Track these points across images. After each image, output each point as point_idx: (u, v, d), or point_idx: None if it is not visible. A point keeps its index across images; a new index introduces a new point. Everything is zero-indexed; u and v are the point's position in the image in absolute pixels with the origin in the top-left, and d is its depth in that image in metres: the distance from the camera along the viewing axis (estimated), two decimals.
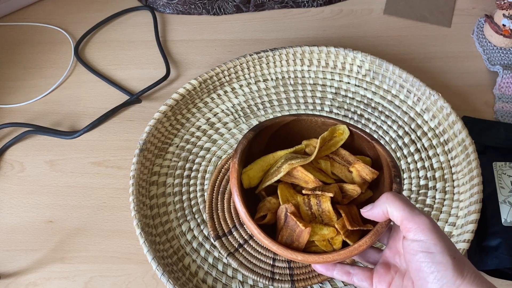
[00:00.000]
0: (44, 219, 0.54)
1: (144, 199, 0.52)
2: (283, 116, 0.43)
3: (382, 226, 0.36)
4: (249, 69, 0.62)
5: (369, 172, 0.41)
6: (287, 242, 0.37)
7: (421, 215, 0.32)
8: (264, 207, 0.39)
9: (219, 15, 0.71)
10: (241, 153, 0.40)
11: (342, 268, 0.38)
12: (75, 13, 0.72)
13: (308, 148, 0.43)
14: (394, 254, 0.37)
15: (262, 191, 0.41)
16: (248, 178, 0.40)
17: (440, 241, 0.31)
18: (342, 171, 0.42)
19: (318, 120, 0.43)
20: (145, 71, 0.66)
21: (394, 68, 0.59)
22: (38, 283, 0.50)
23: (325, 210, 0.38)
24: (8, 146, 0.59)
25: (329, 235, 0.37)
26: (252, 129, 0.42)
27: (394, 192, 0.35)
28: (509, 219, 0.49)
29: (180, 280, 0.47)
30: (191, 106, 0.59)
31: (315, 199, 0.39)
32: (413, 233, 0.32)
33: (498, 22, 0.64)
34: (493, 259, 0.48)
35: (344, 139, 0.42)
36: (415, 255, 0.31)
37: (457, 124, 0.54)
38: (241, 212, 0.37)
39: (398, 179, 0.38)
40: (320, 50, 0.61)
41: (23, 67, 0.67)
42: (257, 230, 0.36)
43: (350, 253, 0.35)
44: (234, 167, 0.39)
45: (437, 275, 0.30)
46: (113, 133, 0.60)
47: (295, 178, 0.40)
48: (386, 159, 0.40)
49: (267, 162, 0.41)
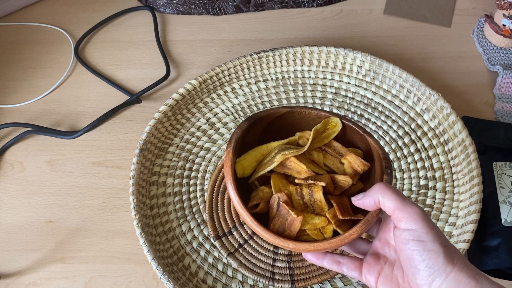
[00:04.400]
0: (44, 219, 0.54)
1: (144, 199, 0.52)
2: (278, 108, 0.43)
3: (373, 216, 0.36)
4: (249, 69, 0.62)
5: (360, 163, 0.41)
6: (279, 230, 0.37)
7: (412, 205, 0.33)
8: (257, 196, 0.40)
9: (219, 15, 0.71)
10: (235, 142, 0.40)
11: (332, 258, 0.38)
12: (75, 13, 0.72)
13: (301, 139, 0.43)
14: (384, 244, 0.37)
15: (255, 181, 0.41)
16: (241, 168, 0.41)
17: (431, 230, 0.32)
18: (334, 162, 0.43)
19: (312, 112, 0.43)
20: (145, 71, 0.66)
21: (394, 68, 0.59)
22: (38, 283, 0.50)
23: (317, 200, 0.39)
24: (8, 146, 0.59)
25: (320, 224, 0.37)
26: (246, 120, 0.42)
27: (386, 183, 0.35)
28: (509, 219, 0.49)
29: (180, 280, 0.47)
30: (191, 106, 0.59)
31: (307, 189, 0.39)
32: (404, 222, 0.33)
33: (498, 22, 0.64)
34: (493, 259, 0.48)
35: (337, 131, 0.43)
36: (407, 244, 0.32)
37: (457, 124, 0.54)
38: (234, 200, 0.38)
39: (389, 170, 0.39)
40: (320, 50, 0.61)
41: (23, 67, 0.67)
42: (250, 218, 0.37)
43: (341, 242, 0.36)
44: (228, 156, 0.39)
45: (428, 262, 0.31)
46: (113, 133, 0.60)
47: (288, 168, 0.40)
48: (378, 151, 0.40)
49: (261, 153, 0.42)
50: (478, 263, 0.48)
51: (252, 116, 0.42)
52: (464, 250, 0.47)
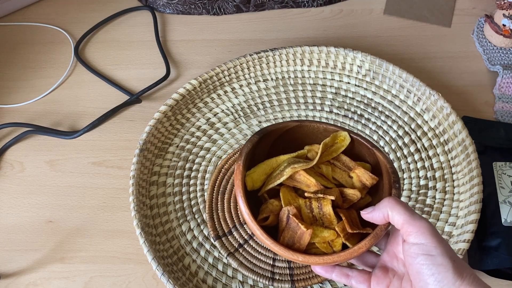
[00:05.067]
0: (44, 219, 0.54)
1: (144, 199, 0.52)
2: (287, 122, 0.44)
3: (381, 230, 0.36)
4: (249, 69, 0.62)
5: (369, 177, 0.42)
6: (288, 243, 0.38)
7: (421, 220, 0.33)
8: (267, 209, 0.40)
9: (219, 15, 0.71)
10: (245, 156, 0.41)
11: (340, 271, 0.38)
12: (75, 13, 0.72)
13: (310, 153, 0.44)
14: (392, 258, 0.37)
15: (264, 194, 0.42)
16: (251, 181, 0.41)
17: (440, 244, 0.32)
18: (342, 176, 0.43)
19: (320, 126, 0.44)
20: (145, 71, 0.66)
21: (394, 68, 0.59)
22: (38, 283, 0.50)
23: (326, 213, 0.39)
24: (8, 146, 0.59)
25: (330, 238, 0.38)
26: (256, 133, 0.43)
27: (395, 197, 0.36)
28: (509, 219, 0.49)
29: (180, 280, 0.47)
30: (191, 106, 0.59)
31: (317, 202, 0.39)
32: (413, 237, 0.33)
33: (498, 22, 0.64)
34: (493, 259, 0.48)
35: (345, 145, 0.43)
36: (416, 258, 0.32)
37: (457, 124, 0.54)
38: (244, 214, 0.38)
39: (397, 184, 0.39)
40: (320, 50, 0.61)
41: (23, 67, 0.67)
42: (260, 231, 0.37)
43: (350, 255, 0.36)
44: (239, 170, 0.40)
45: (438, 276, 0.31)
46: (113, 133, 0.60)
47: (297, 181, 0.41)
48: (386, 165, 0.41)
49: (270, 166, 0.42)
50: (478, 263, 0.48)
51: (262, 130, 0.43)
52: (464, 250, 0.47)
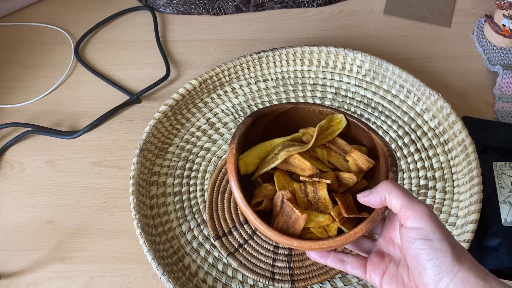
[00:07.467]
0: (44, 219, 0.54)
1: (144, 199, 0.52)
2: (281, 104, 0.43)
3: (378, 214, 0.35)
4: (249, 69, 0.62)
5: (365, 161, 0.41)
6: (282, 228, 0.37)
7: (420, 204, 0.32)
8: (261, 193, 0.39)
9: (219, 15, 0.71)
10: (238, 138, 0.40)
11: (336, 256, 0.38)
12: (75, 13, 0.72)
13: (305, 136, 0.43)
14: (388, 243, 0.37)
15: (258, 178, 0.41)
16: (245, 164, 0.40)
17: (439, 229, 0.31)
18: (338, 160, 0.42)
19: (316, 109, 0.43)
20: (145, 71, 0.66)
21: (394, 68, 0.59)
22: (38, 283, 0.50)
23: (321, 198, 0.38)
24: (8, 146, 0.59)
25: (325, 222, 0.37)
26: (250, 116, 0.41)
27: (392, 181, 0.35)
28: (509, 219, 0.49)
29: (180, 280, 0.47)
30: (191, 106, 0.59)
31: (312, 186, 0.38)
32: (411, 221, 0.32)
33: (498, 22, 0.64)
34: (493, 259, 0.48)
35: (341, 128, 0.42)
36: (413, 243, 0.32)
37: (457, 124, 0.54)
38: (237, 198, 0.37)
39: (394, 168, 0.38)
40: (320, 50, 0.61)
41: (23, 67, 0.67)
42: (253, 215, 0.36)
43: (345, 240, 0.35)
44: (232, 153, 0.39)
45: (436, 261, 0.30)
46: (113, 133, 0.60)
47: (291, 165, 0.40)
48: (383, 148, 0.40)
49: (264, 149, 0.41)
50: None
51: (255, 112, 0.42)
52: None
